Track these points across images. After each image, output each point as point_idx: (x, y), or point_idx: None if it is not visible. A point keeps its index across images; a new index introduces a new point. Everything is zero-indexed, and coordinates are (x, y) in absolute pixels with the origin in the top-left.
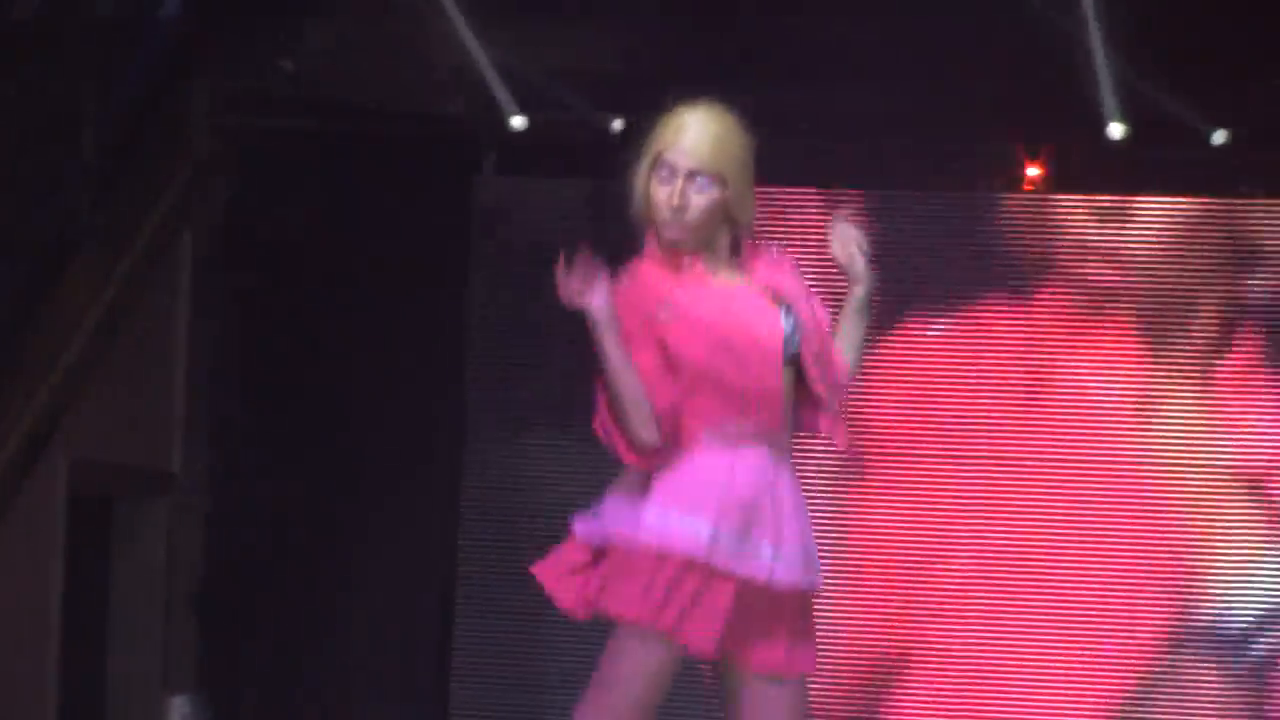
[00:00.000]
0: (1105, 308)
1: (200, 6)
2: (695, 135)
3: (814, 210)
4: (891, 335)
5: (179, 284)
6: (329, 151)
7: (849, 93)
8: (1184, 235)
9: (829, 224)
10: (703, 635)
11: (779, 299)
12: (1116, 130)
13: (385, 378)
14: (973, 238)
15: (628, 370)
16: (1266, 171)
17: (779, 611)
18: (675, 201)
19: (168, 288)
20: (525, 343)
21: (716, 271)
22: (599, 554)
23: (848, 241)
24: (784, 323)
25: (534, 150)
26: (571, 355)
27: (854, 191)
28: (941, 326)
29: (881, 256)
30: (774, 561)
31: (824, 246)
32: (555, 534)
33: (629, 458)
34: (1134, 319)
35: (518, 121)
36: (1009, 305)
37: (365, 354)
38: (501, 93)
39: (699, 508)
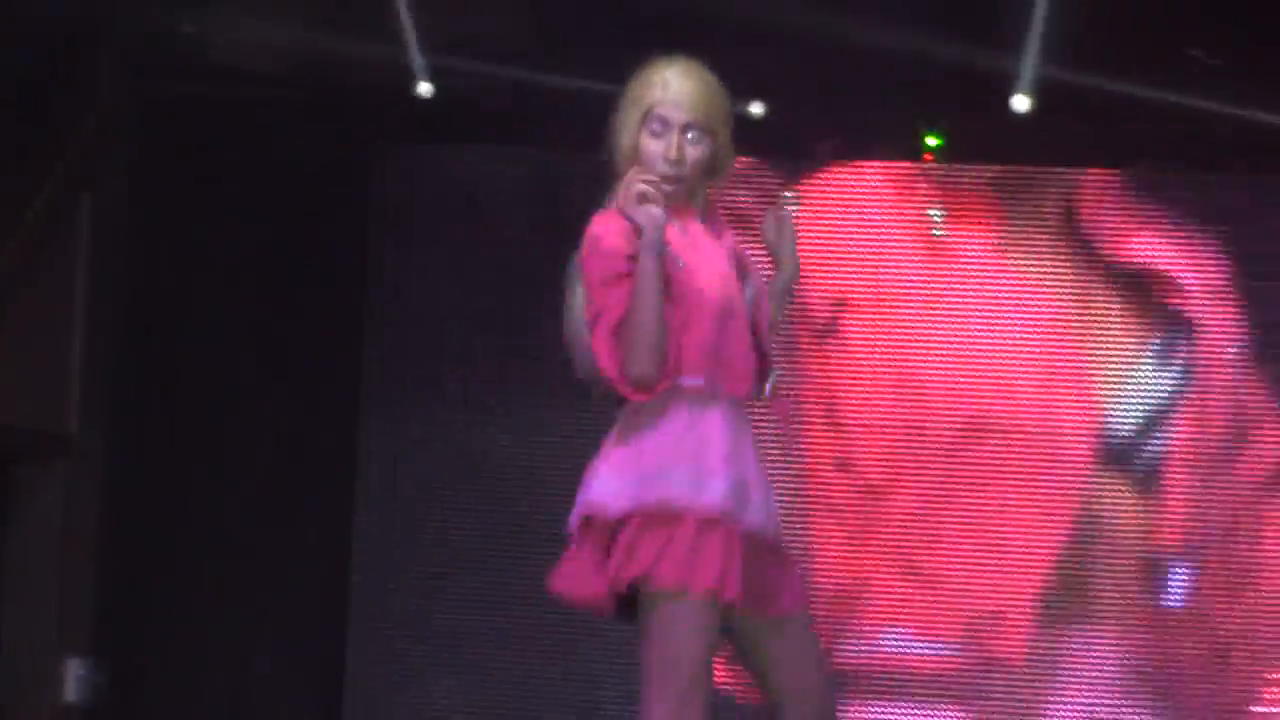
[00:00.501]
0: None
1: None
2: (688, 89)
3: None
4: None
5: (79, 247)
6: (232, 117)
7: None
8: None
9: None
10: (735, 588)
11: (739, 264)
12: (1021, 103)
13: (284, 343)
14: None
15: (658, 295)
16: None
17: (770, 558)
18: (673, 154)
19: (67, 251)
20: (426, 313)
21: (694, 228)
22: (609, 536)
23: (782, 228)
24: (746, 288)
25: (438, 117)
26: (472, 324)
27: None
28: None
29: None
30: (760, 512)
31: (722, 211)
32: (451, 500)
33: (627, 390)
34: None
35: (423, 88)
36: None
37: (265, 319)
38: (406, 59)
39: (701, 464)
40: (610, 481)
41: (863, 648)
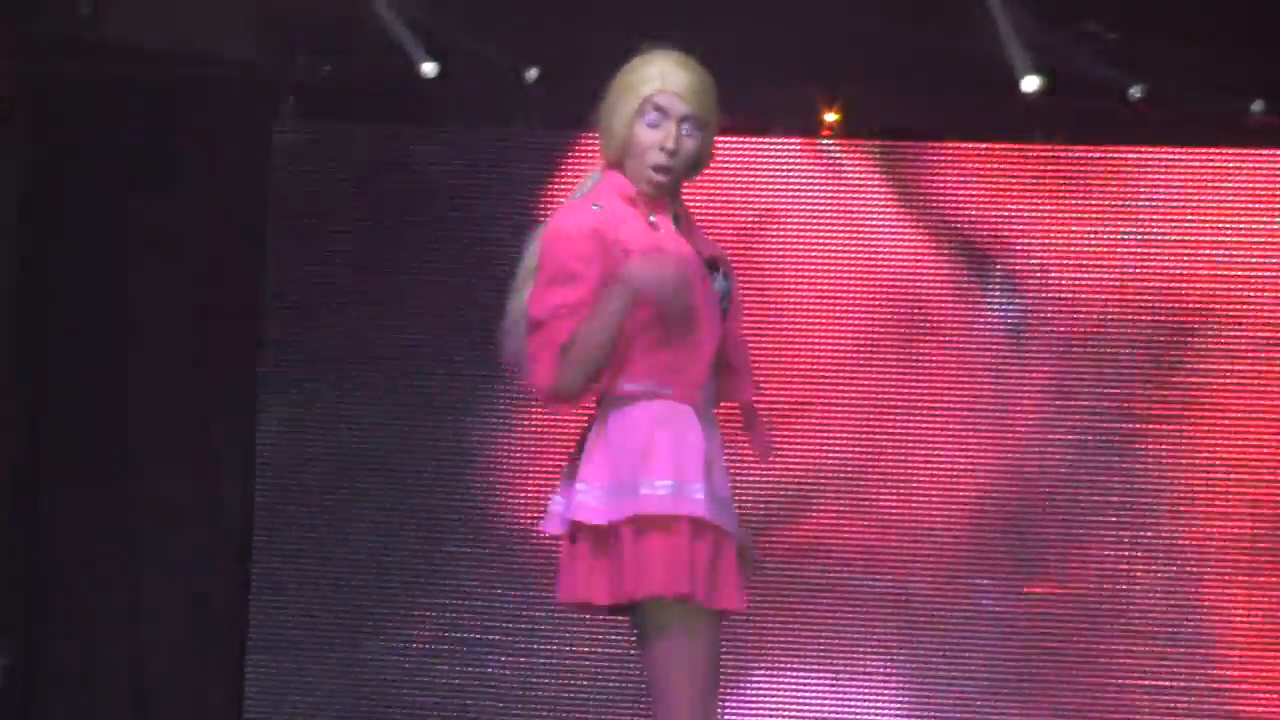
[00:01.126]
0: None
1: None
2: (685, 80)
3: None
4: None
5: None
6: (129, 96)
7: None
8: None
9: None
10: (730, 593)
11: (715, 264)
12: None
13: (180, 328)
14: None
15: (612, 332)
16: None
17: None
18: (670, 145)
19: None
20: (322, 298)
21: (669, 222)
22: (603, 542)
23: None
24: (718, 288)
25: (334, 95)
26: (367, 305)
27: None
28: None
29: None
30: (734, 520)
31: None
32: (349, 479)
33: (549, 401)
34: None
35: (317, 66)
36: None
37: (160, 303)
38: (298, 37)
39: (684, 470)
40: (593, 489)
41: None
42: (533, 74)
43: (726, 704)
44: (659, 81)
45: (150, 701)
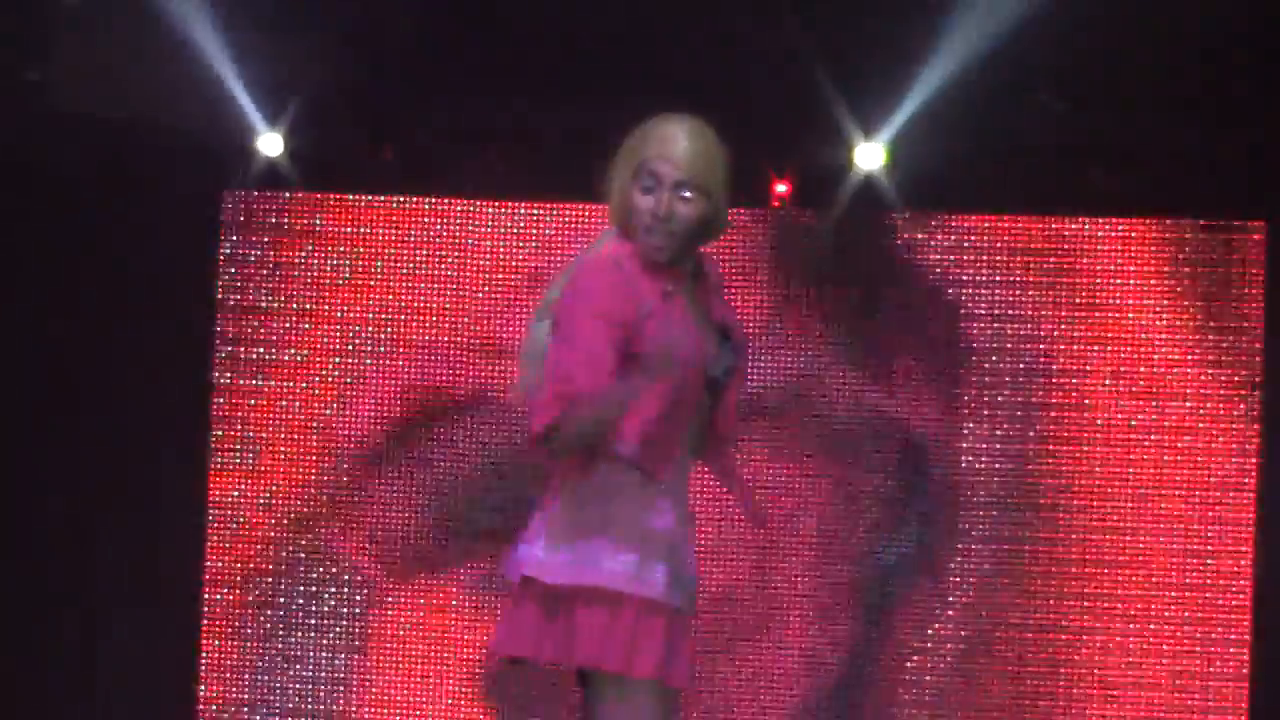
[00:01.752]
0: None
1: None
2: (682, 146)
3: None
4: None
5: None
6: (78, 165)
7: (600, 107)
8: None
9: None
10: (678, 672)
11: (723, 331)
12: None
13: (129, 388)
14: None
15: (625, 408)
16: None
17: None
18: (661, 211)
19: None
20: (271, 369)
21: (682, 288)
22: (552, 601)
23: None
24: (721, 354)
25: (285, 165)
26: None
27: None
28: None
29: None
30: (689, 593)
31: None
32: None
33: (536, 447)
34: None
35: (267, 138)
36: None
37: (107, 367)
38: (250, 108)
39: (648, 549)
40: (551, 549)
41: None
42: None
43: None
44: (657, 147)
45: None
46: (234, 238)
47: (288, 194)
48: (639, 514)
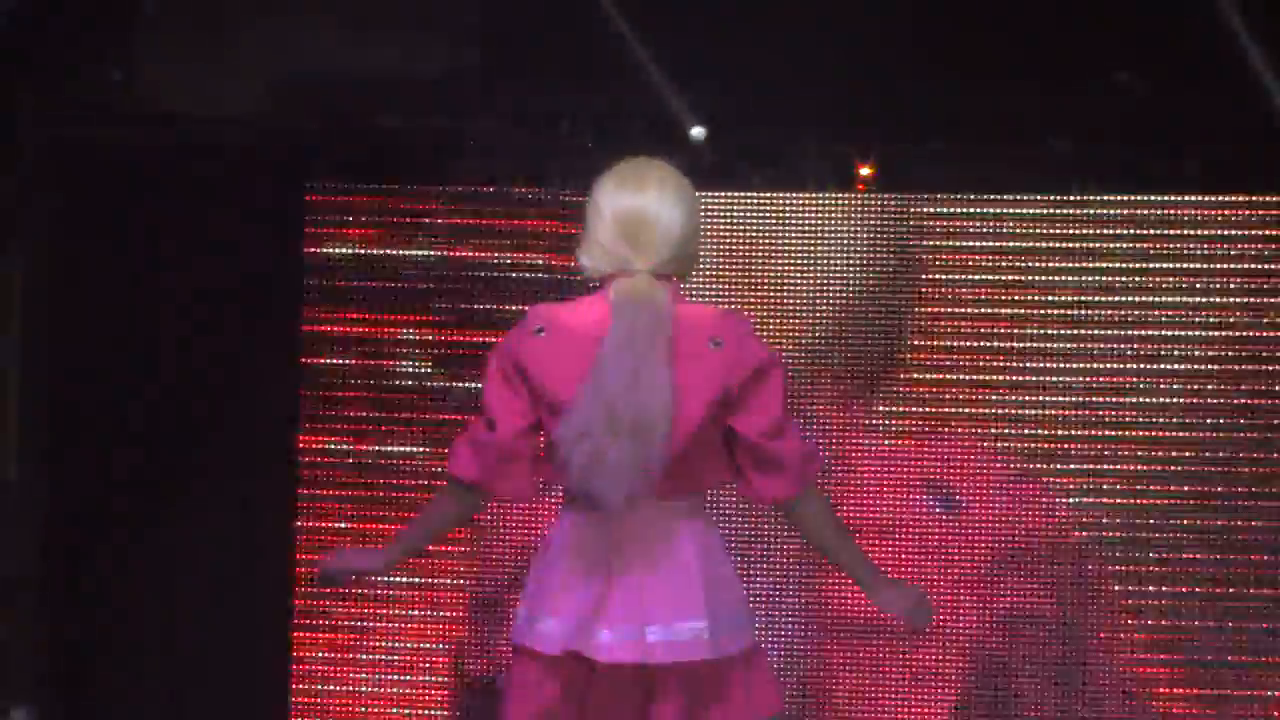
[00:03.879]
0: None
1: (27, 15)
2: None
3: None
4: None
5: (11, 297)
6: (160, 162)
7: (682, 92)
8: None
9: None
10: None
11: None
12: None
13: (218, 385)
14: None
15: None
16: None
17: (664, 686)
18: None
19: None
20: (356, 351)
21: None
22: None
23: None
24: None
25: (367, 158)
26: (405, 361)
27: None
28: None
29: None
30: (628, 640)
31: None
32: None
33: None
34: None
35: (352, 128)
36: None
37: (198, 364)
38: (334, 100)
39: (539, 601)
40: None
41: None
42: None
43: None
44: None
45: None
46: (318, 232)
47: (371, 187)
48: (549, 562)
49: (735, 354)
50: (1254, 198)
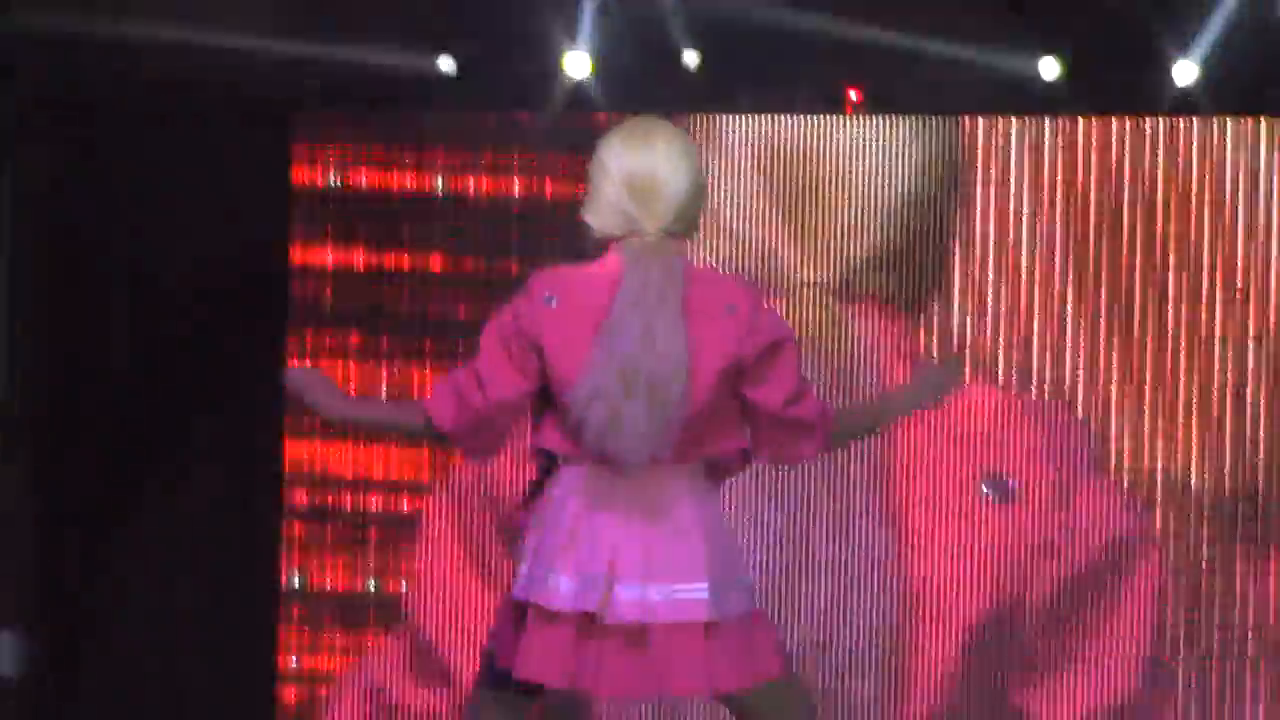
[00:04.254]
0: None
1: None
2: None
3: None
4: None
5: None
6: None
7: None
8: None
9: None
10: (530, 669)
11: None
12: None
13: (210, 332)
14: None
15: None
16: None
17: (667, 640)
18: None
19: None
20: (345, 285)
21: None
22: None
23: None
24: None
25: (354, 87)
26: (396, 292)
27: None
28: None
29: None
30: (633, 597)
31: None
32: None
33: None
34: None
35: (337, 58)
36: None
37: (188, 304)
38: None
39: (542, 557)
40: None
41: None
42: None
43: None
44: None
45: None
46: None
47: (359, 116)
48: (550, 520)
49: (750, 323)
50: None
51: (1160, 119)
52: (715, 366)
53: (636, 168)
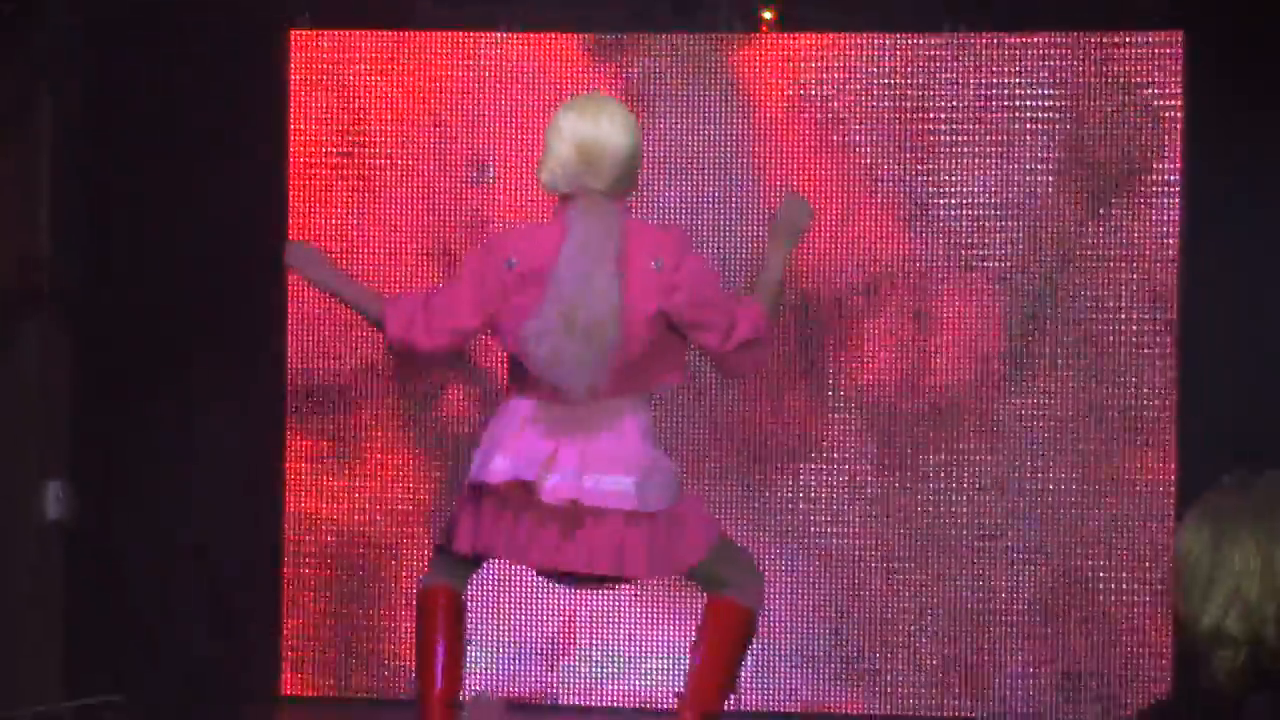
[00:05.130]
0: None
1: None
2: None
3: (574, 55)
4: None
5: (41, 137)
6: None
7: None
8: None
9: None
10: (465, 541)
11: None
12: None
13: (224, 218)
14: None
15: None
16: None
17: (610, 521)
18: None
19: (31, 139)
20: (342, 199)
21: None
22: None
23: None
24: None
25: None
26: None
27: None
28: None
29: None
30: (571, 481)
31: (578, 89)
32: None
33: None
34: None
35: None
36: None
37: (206, 202)
38: None
39: (492, 446)
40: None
41: None
42: None
43: None
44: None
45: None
46: (302, 77)
47: (356, 31)
48: (499, 421)
49: (672, 278)
50: None
51: None
52: (646, 314)
53: (586, 136)
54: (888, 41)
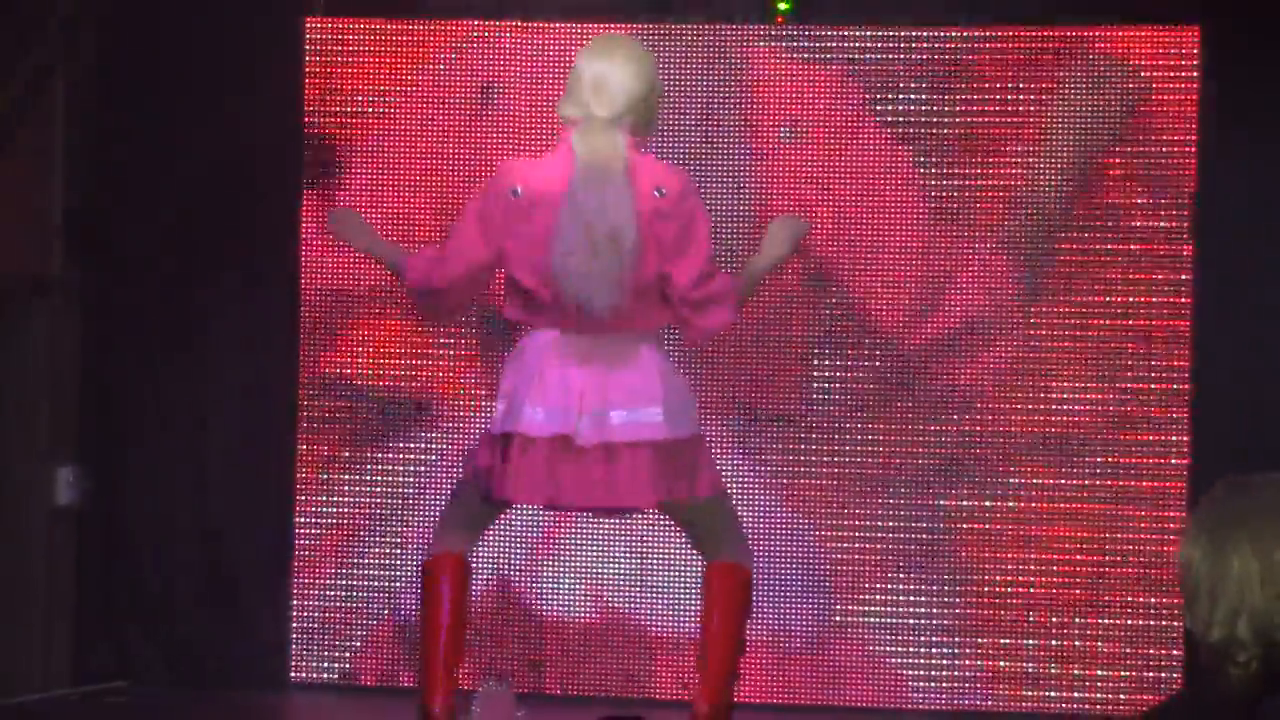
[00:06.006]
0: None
1: None
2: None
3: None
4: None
5: (55, 114)
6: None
7: None
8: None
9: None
10: (503, 488)
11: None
12: None
13: (239, 195)
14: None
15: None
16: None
17: (621, 458)
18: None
19: (46, 113)
20: (357, 180)
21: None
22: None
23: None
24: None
25: None
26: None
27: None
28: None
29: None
30: (594, 424)
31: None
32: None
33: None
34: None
35: None
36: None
37: (219, 189)
38: None
39: (516, 397)
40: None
41: None
42: None
43: None
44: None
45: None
46: (318, 65)
47: (369, 20)
48: (523, 368)
49: (674, 205)
50: None
51: None
52: (649, 236)
53: (597, 69)
54: (902, 34)
